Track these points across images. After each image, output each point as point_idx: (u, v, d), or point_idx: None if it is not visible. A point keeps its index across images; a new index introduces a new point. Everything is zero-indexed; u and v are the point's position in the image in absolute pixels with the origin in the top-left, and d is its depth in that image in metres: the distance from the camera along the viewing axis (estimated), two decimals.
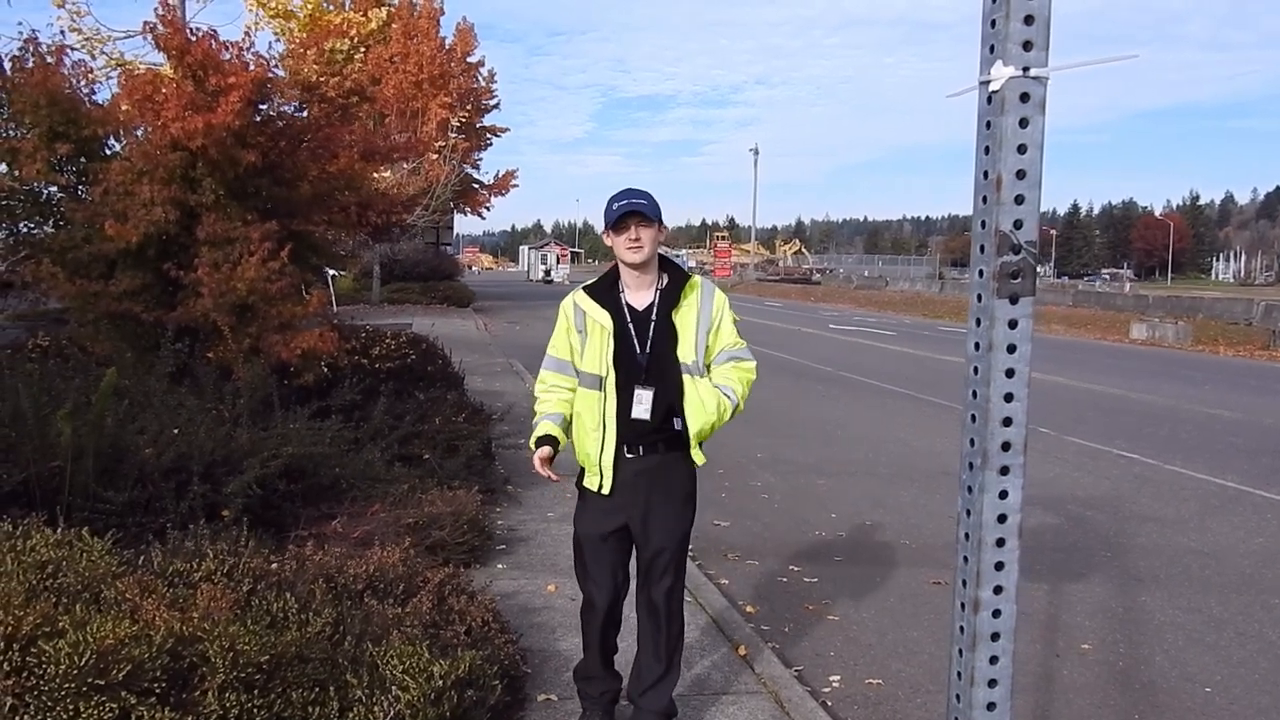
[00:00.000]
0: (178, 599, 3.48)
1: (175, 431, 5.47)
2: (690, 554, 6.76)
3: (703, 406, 3.50)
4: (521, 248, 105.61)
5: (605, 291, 3.61)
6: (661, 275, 3.62)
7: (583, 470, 3.69)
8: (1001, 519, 1.54)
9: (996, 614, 1.56)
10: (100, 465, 5.10)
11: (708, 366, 3.62)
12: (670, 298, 3.57)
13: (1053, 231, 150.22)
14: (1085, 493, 8.90)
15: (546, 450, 3.60)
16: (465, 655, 3.72)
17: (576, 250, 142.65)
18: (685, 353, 3.54)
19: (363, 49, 11.22)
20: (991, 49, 1.47)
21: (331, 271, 30.12)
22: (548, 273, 71.91)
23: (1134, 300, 42.17)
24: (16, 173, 6.71)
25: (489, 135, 41.86)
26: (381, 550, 4.81)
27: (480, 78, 40.37)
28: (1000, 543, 1.54)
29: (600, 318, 3.54)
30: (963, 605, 1.58)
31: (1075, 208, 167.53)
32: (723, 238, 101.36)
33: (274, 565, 4.36)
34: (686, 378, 3.53)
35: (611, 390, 3.54)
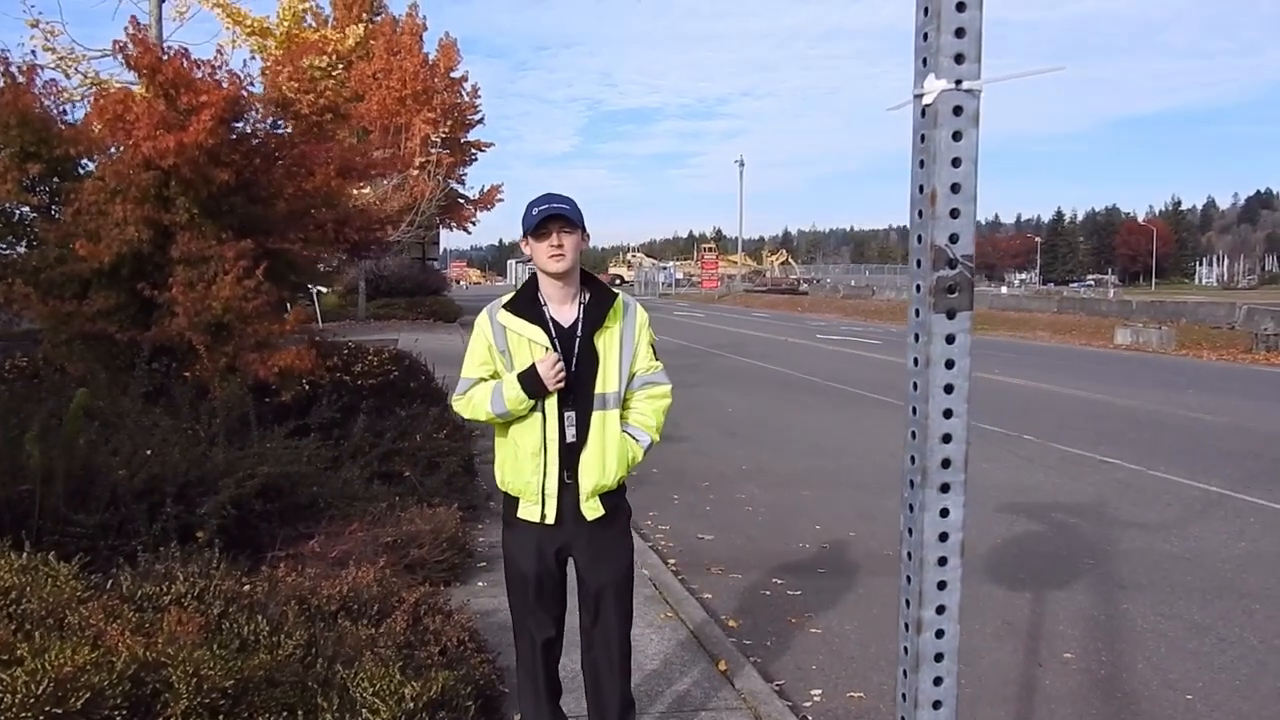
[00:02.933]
0: (144, 623, 3.44)
1: (148, 452, 5.41)
2: (673, 568, 6.80)
3: (602, 464, 3.32)
4: (510, 262, 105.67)
5: (528, 306, 3.32)
6: (584, 290, 3.37)
7: (515, 501, 3.39)
8: (943, 538, 1.51)
9: (940, 634, 1.53)
10: (71, 487, 5.04)
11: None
12: (594, 316, 3.33)
13: (1037, 239, 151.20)
14: (1069, 499, 8.91)
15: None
16: (438, 676, 3.68)
17: None
18: (605, 382, 3.32)
19: (341, 65, 11.20)
20: (924, 62, 1.45)
21: (317, 288, 30.11)
22: None
23: (1118, 306, 42.34)
24: None
25: (473, 150, 41.85)
26: (357, 570, 4.76)
27: (464, 93, 40.37)
28: (942, 561, 1.51)
29: (530, 333, 3.27)
30: (906, 626, 1.55)
31: (1059, 214, 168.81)
32: (709, 249, 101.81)
33: (246, 587, 4.31)
34: (597, 416, 3.31)
35: (552, 411, 3.27)
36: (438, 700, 3.57)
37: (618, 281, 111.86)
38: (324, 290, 34.14)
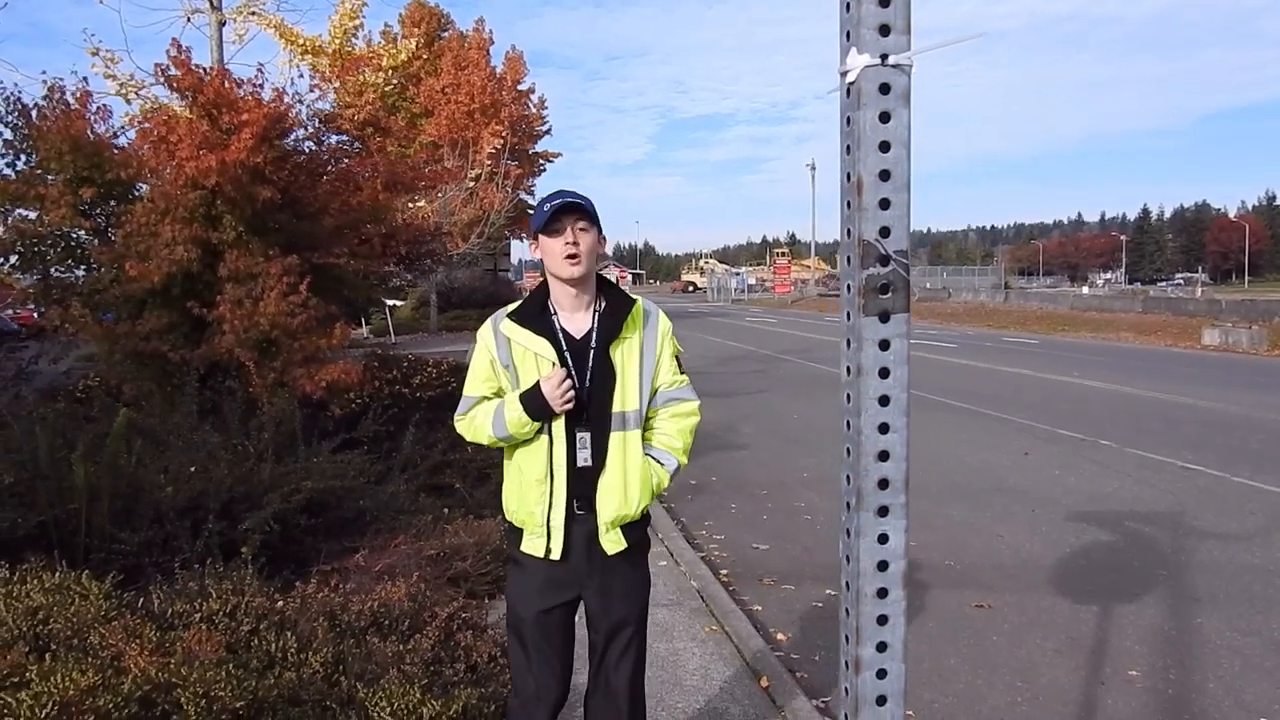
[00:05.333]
0: (165, 643, 3.43)
1: (193, 469, 5.47)
2: (724, 579, 6.65)
3: (624, 491, 2.96)
4: None
5: (536, 316, 2.98)
6: (599, 297, 3.02)
7: (519, 533, 3.03)
8: (882, 566, 1.36)
9: (882, 674, 1.37)
10: (117, 505, 5.11)
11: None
12: (610, 326, 2.97)
13: (1123, 237, 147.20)
14: (1145, 508, 8.52)
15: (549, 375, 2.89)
16: (460, 694, 3.62)
17: (637, 271, 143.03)
18: (624, 399, 2.97)
19: (396, 80, 11.32)
20: (848, 35, 1.31)
21: (390, 301, 30.64)
22: None
23: (1206, 305, 40.78)
24: (45, 218, 6.84)
25: (542, 161, 42.19)
26: (389, 585, 4.73)
27: (531, 105, 40.71)
28: (882, 593, 1.36)
29: (537, 346, 2.93)
30: (846, 664, 1.41)
31: (1145, 212, 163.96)
32: (783, 254, 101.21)
33: (279, 604, 4.31)
34: (616, 437, 2.96)
35: (560, 433, 2.93)
36: (459, 718, 3.50)
37: (690, 288, 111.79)
38: (397, 304, 34.79)
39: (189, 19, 10.69)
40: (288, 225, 6.93)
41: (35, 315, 10.94)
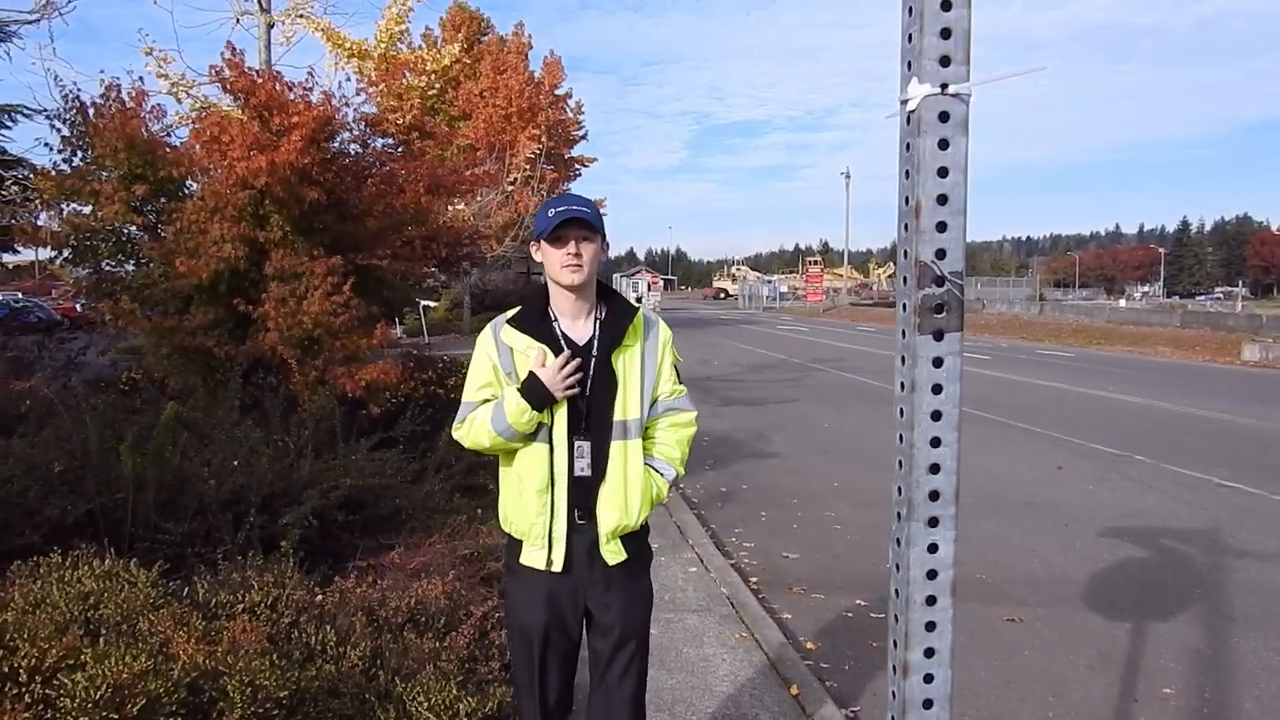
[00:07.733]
0: (210, 631, 3.52)
1: (235, 463, 5.58)
2: (754, 587, 6.68)
3: (624, 501, 2.92)
4: (615, 275, 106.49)
5: (536, 322, 2.93)
6: (600, 304, 2.99)
7: (518, 545, 2.97)
8: (931, 575, 1.40)
9: (929, 679, 1.41)
10: (162, 497, 5.23)
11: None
12: (612, 334, 2.94)
13: (1161, 250, 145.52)
14: (1180, 525, 8.44)
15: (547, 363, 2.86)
16: (496, 692, 3.68)
17: (669, 277, 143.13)
18: (625, 408, 2.94)
19: (438, 84, 11.46)
20: (909, 65, 1.36)
21: (425, 302, 30.88)
22: (639, 300, 72.76)
23: (1247, 320, 40.20)
24: (99, 214, 7.01)
25: (577, 165, 42.37)
26: (426, 583, 4.81)
27: (568, 109, 40.92)
28: (931, 601, 1.40)
29: (536, 353, 2.89)
30: (894, 669, 1.45)
31: (1185, 224, 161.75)
32: (815, 262, 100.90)
33: (319, 597, 4.39)
34: (617, 446, 2.92)
35: (561, 441, 2.87)
36: (494, 716, 3.57)
37: (721, 295, 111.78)
38: (431, 305, 35.07)
39: (238, 20, 10.89)
40: (332, 226, 7.06)
41: (76, 308, 11.16)
